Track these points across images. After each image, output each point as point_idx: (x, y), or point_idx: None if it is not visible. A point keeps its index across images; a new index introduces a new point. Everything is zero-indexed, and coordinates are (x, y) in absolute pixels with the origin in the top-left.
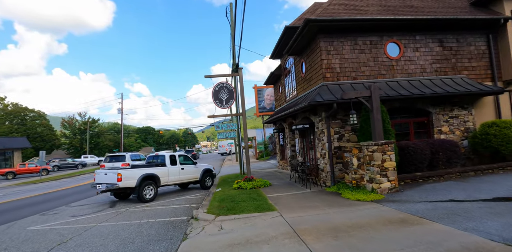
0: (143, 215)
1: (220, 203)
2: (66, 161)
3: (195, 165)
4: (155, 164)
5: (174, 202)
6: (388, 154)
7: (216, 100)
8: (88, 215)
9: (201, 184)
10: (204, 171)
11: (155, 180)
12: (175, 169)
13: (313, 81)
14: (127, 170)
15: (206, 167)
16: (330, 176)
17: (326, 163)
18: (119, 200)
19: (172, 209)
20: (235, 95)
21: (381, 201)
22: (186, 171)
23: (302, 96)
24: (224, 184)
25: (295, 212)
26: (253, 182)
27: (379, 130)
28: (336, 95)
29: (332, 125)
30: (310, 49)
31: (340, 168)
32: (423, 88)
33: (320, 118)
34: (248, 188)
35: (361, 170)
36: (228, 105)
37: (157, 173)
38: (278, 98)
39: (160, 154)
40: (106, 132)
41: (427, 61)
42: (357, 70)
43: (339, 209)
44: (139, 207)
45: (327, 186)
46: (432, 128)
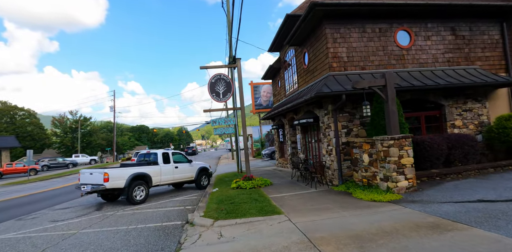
0: (132, 220)
1: (218, 205)
2: (56, 160)
3: (190, 164)
4: (147, 163)
5: (167, 204)
6: (406, 150)
7: (212, 93)
8: (70, 220)
9: (196, 184)
10: (200, 170)
11: (147, 180)
12: (169, 168)
13: (317, 72)
14: (115, 169)
15: (201, 165)
16: (338, 174)
17: (332, 160)
18: (107, 202)
19: (164, 212)
20: (233, 87)
21: (400, 202)
22: (181, 170)
23: (304, 89)
24: (221, 184)
25: (305, 216)
26: (253, 181)
27: (395, 123)
28: (345, 85)
29: (339, 119)
30: (315, 37)
31: (348, 165)
32: (436, 79)
33: (326, 111)
34: (248, 187)
35: (373, 167)
36: (226, 98)
37: (148, 172)
38: (277, 93)
39: (152, 152)
40: (98, 130)
41: (439, 50)
42: (365, 60)
43: (355, 211)
44: (128, 210)
45: (334, 185)
46: (444, 122)
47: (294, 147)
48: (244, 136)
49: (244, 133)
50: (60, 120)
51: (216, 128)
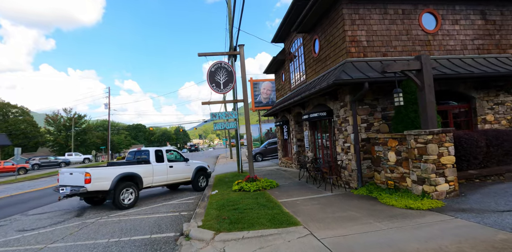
0: (116, 230)
1: (220, 212)
2: (47, 159)
3: (187, 163)
4: (137, 162)
5: (159, 209)
6: (446, 146)
7: (212, 84)
8: (42, 229)
9: (193, 185)
10: (198, 170)
11: (136, 181)
12: (162, 167)
13: (331, 60)
14: (99, 169)
15: (199, 164)
16: (357, 176)
17: (350, 159)
18: (92, 206)
19: (156, 219)
20: (234, 77)
21: (445, 210)
22: (176, 170)
23: (314, 81)
24: (221, 185)
25: (330, 228)
26: (258, 183)
27: (432, 115)
28: (367, 73)
29: (358, 112)
30: (329, 21)
31: (368, 165)
32: (467, 67)
33: (342, 103)
34: (252, 190)
35: (402, 167)
36: (227, 89)
37: (138, 172)
38: (281, 88)
39: (143, 149)
40: (94, 129)
41: (467, 36)
42: (387, 45)
43: (392, 222)
44: (113, 216)
45: (353, 188)
46: (474, 116)
47: (300, 145)
48: (248, 132)
49: (247, 129)
50: (54, 118)
51: (216, 123)
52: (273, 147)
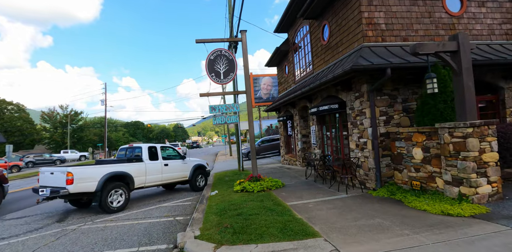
0: (99, 239)
1: (221, 218)
2: (42, 156)
3: (183, 160)
4: (127, 159)
5: (152, 213)
6: (489, 141)
7: (211, 73)
8: (14, 238)
9: (191, 185)
10: (195, 168)
11: (127, 181)
12: (156, 165)
13: (344, 46)
14: (84, 168)
15: (197, 162)
16: (375, 175)
17: (366, 156)
18: (78, 209)
19: (147, 225)
20: (236, 66)
21: (493, 218)
22: (171, 168)
23: (323, 70)
24: (221, 184)
25: (360, 241)
26: (262, 183)
27: (471, 103)
28: (388, 58)
29: (377, 103)
30: (341, 2)
31: (388, 163)
32: (498, 53)
33: (357, 94)
34: (256, 190)
35: (431, 166)
36: (228, 80)
37: (129, 171)
38: (283, 81)
39: (135, 146)
40: (92, 126)
41: (495, 20)
42: (407, 28)
43: (434, 234)
44: (99, 221)
45: (369, 189)
46: (503, 109)
47: (306, 142)
48: (250, 126)
49: (250, 123)
50: (50, 115)
51: (215, 117)
52: (267, 145)
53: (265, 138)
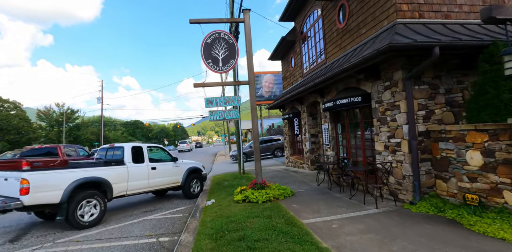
0: None
1: (216, 244)
2: None
3: (175, 163)
4: (105, 162)
5: (132, 229)
6: None
7: (207, 60)
8: None
9: (184, 191)
10: (189, 172)
11: (104, 189)
12: (141, 169)
13: (368, 26)
14: (46, 172)
15: (191, 165)
16: (412, 184)
17: (401, 160)
18: (44, 221)
19: (121, 249)
20: (237, 52)
21: None
22: (160, 173)
23: (340, 59)
24: (219, 191)
25: None
26: (268, 191)
27: None
28: (433, 36)
29: (414, 95)
30: None
31: (428, 169)
32: None
33: (387, 83)
34: (261, 201)
35: (496, 175)
36: (227, 67)
37: (106, 176)
38: (289, 75)
39: (116, 146)
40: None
41: None
42: (449, 3)
43: None
44: (61, 242)
45: (404, 201)
46: None
47: (315, 142)
48: (254, 123)
49: (253, 119)
50: (46, 113)
51: (212, 112)
52: (261, 146)
53: (260, 139)
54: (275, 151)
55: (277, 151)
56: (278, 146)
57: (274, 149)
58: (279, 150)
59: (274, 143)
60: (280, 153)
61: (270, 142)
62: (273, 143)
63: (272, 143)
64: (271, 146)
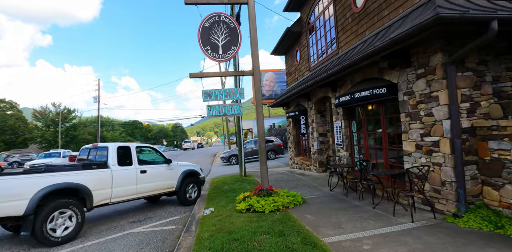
0: None
1: None
2: (28, 156)
3: (169, 165)
4: (83, 166)
5: (113, 248)
6: None
7: (205, 46)
8: None
9: (179, 197)
10: (185, 175)
11: (82, 197)
12: (128, 173)
13: (393, 6)
14: (8, 178)
15: (187, 168)
16: (455, 192)
17: (439, 163)
18: (13, 235)
19: None
20: (240, 37)
21: None
22: (151, 177)
23: (356, 47)
24: (218, 196)
25: None
26: (275, 198)
27: None
28: (482, 10)
29: (459, 83)
30: None
31: (473, 174)
32: None
33: (421, 70)
34: (268, 210)
35: None
36: (228, 55)
37: (85, 182)
38: (294, 70)
39: (100, 146)
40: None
41: None
42: None
43: None
44: None
45: (445, 213)
46: None
47: (324, 142)
48: (259, 119)
49: (259, 115)
50: (42, 113)
51: (211, 107)
52: (252, 149)
53: (253, 140)
54: (269, 153)
55: (270, 153)
56: (271, 148)
57: (268, 151)
58: (272, 152)
59: (267, 144)
60: (273, 155)
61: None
62: (266, 144)
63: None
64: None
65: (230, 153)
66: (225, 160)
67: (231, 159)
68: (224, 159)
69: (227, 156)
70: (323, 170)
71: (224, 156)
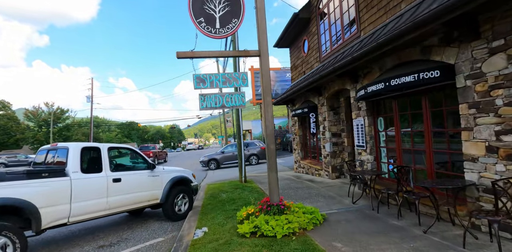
0: None
1: None
2: (16, 157)
3: (152, 171)
4: (27, 173)
5: None
6: None
7: (198, 18)
8: None
9: (165, 210)
10: (173, 184)
11: (26, 217)
12: (96, 182)
13: None
14: None
15: (176, 174)
16: None
17: None
18: None
19: None
20: (243, 8)
21: None
22: (128, 186)
23: (387, 25)
24: (214, 210)
25: None
26: (289, 217)
27: None
28: None
29: None
30: None
31: None
32: None
33: (496, 43)
34: (280, 235)
35: None
36: (229, 30)
37: (28, 197)
38: (300, 63)
39: (59, 146)
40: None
41: None
42: None
43: None
44: None
45: None
46: None
47: (338, 143)
48: (268, 113)
49: (266, 108)
50: (34, 112)
51: (204, 96)
52: (233, 153)
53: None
54: (251, 158)
55: (252, 158)
56: (254, 152)
57: (250, 156)
58: (254, 157)
59: (249, 148)
60: (255, 161)
61: (246, 147)
62: (247, 148)
63: (245, 149)
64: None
65: (209, 157)
66: (204, 164)
67: (210, 164)
68: (203, 163)
69: (206, 160)
70: (336, 176)
71: (203, 160)
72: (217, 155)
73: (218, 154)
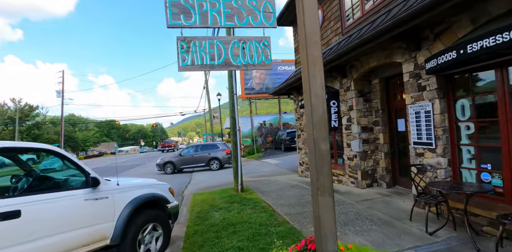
0: None
1: None
2: None
3: (93, 190)
4: None
5: None
6: None
7: None
8: None
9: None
10: (135, 208)
11: None
12: None
13: None
14: None
15: (140, 193)
16: None
17: None
18: None
19: None
20: None
21: None
22: (35, 226)
23: None
24: (204, 246)
25: None
26: None
27: None
28: None
29: None
30: None
31: None
32: None
33: None
34: None
35: None
36: None
37: None
38: None
39: None
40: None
41: None
42: None
43: None
44: None
45: None
46: None
47: (369, 140)
48: (312, 75)
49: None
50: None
51: (188, 44)
52: (192, 155)
53: (193, 146)
54: (211, 162)
55: (213, 162)
56: (215, 155)
57: (210, 160)
58: (215, 161)
59: (210, 151)
60: (216, 166)
61: (205, 150)
62: (208, 151)
63: (206, 152)
64: (204, 157)
65: (164, 159)
66: (160, 167)
67: (166, 167)
68: (159, 167)
69: (162, 163)
70: (367, 184)
71: (159, 163)
72: (173, 158)
73: (176, 157)
